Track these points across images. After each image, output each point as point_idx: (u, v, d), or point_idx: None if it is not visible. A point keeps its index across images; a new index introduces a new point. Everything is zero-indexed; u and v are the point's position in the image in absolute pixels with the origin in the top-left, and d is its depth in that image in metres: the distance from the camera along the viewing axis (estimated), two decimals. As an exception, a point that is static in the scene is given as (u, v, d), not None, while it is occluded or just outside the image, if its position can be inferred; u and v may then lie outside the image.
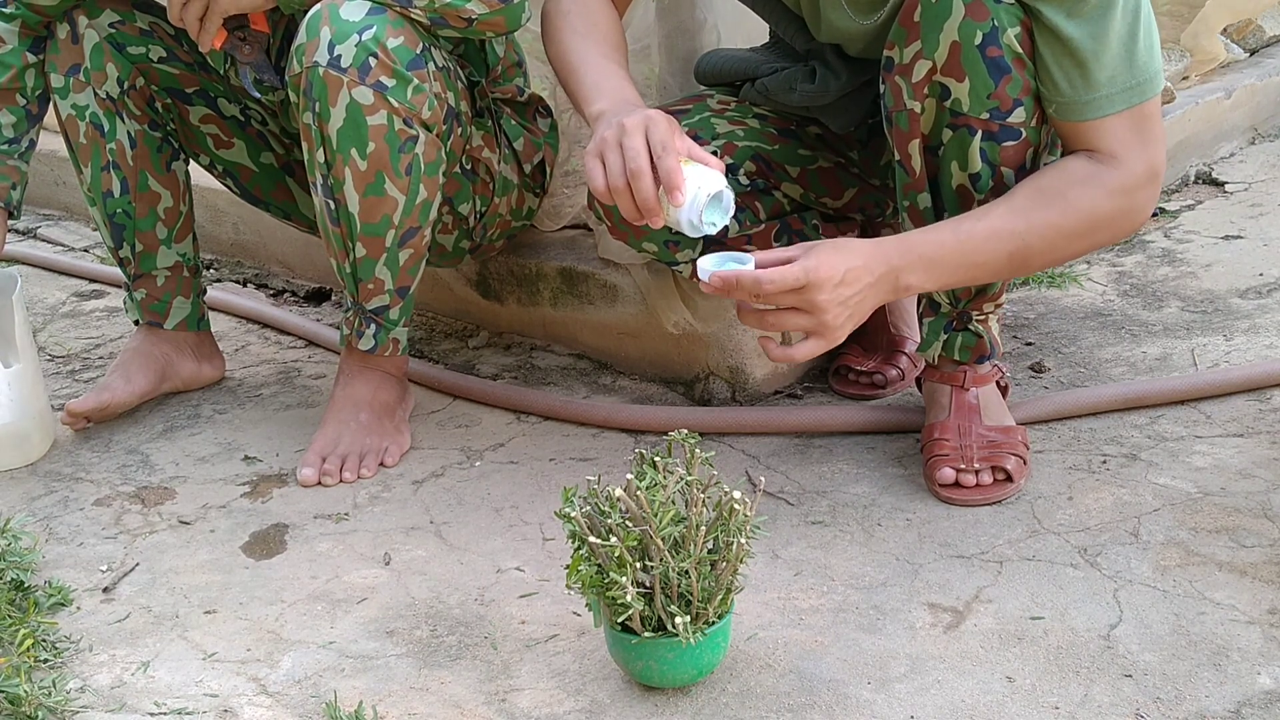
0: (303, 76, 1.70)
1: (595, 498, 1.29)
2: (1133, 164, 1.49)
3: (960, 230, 1.48)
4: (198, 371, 2.14)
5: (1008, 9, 1.47)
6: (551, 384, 2.08)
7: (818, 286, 1.39)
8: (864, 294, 1.43)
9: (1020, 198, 1.50)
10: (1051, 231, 1.49)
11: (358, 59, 1.68)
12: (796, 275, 1.38)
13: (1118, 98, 1.47)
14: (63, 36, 1.94)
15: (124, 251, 2.06)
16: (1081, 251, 1.56)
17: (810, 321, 1.42)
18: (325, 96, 1.69)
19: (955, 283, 1.53)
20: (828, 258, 1.40)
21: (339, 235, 1.79)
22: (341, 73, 1.68)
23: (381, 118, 1.70)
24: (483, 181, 1.96)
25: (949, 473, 1.63)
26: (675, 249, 1.78)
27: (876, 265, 1.44)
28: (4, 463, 1.91)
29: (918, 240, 1.49)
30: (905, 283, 1.46)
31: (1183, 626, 1.36)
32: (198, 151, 2.08)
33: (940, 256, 1.47)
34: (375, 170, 1.73)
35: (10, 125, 1.94)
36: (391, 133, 1.72)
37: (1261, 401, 1.81)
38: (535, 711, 1.32)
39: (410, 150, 1.74)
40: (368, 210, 1.76)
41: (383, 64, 1.68)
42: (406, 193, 1.76)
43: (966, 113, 1.51)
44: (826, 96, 1.73)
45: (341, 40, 1.68)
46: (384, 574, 1.60)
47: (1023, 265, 1.53)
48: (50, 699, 1.36)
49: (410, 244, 1.81)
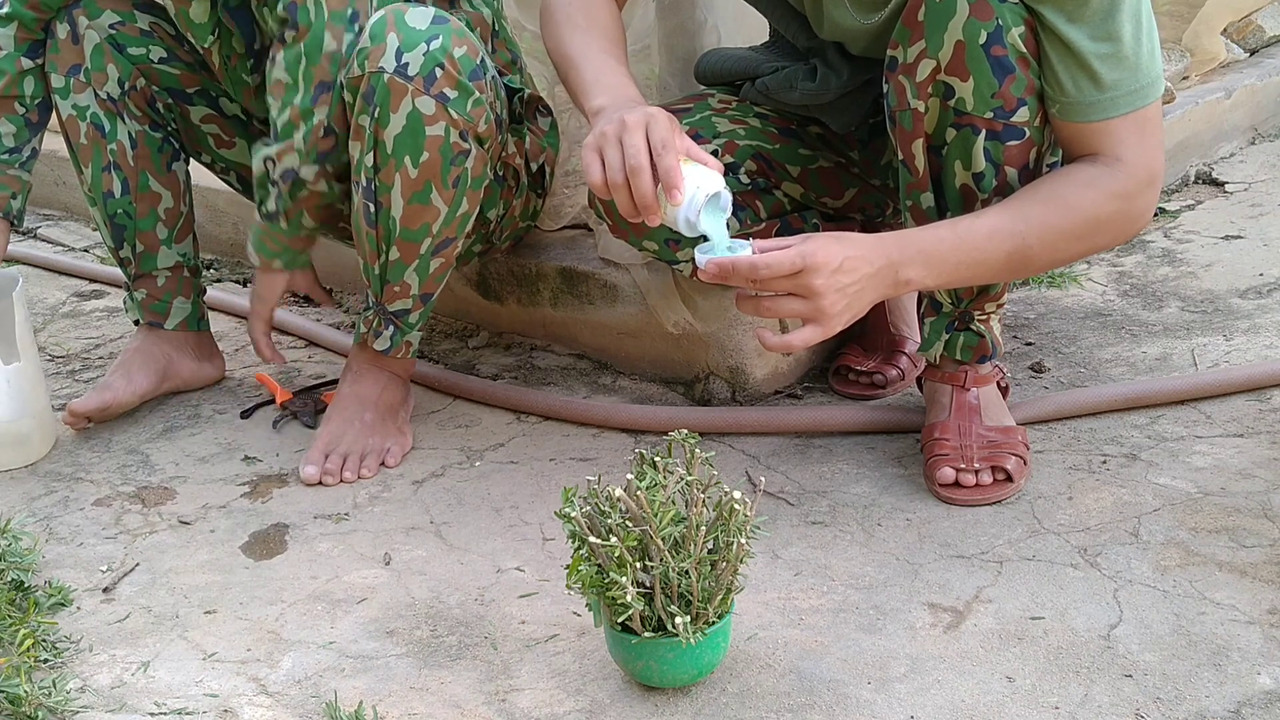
0: (364, 80, 1.70)
1: (595, 498, 1.29)
2: (1134, 167, 1.49)
3: (960, 228, 1.49)
4: (198, 371, 2.14)
5: (1012, 8, 1.47)
6: (551, 384, 2.08)
7: (814, 270, 1.38)
8: (862, 284, 1.43)
9: (1022, 199, 1.50)
10: (1051, 233, 1.49)
11: (425, 68, 1.68)
12: (793, 259, 1.38)
13: (1122, 100, 1.47)
14: (63, 37, 1.94)
15: (124, 252, 2.06)
16: (1081, 254, 1.56)
17: (807, 307, 1.41)
18: (387, 103, 1.69)
19: (955, 281, 1.53)
20: (825, 244, 1.40)
21: (374, 237, 1.79)
22: (408, 81, 1.68)
23: (439, 129, 1.71)
24: (509, 186, 1.97)
25: (949, 473, 1.63)
26: (676, 248, 1.78)
27: (876, 257, 1.43)
28: (4, 462, 1.91)
29: (917, 236, 1.49)
30: (905, 277, 1.46)
31: (1183, 626, 1.36)
32: (199, 151, 2.09)
33: (940, 252, 1.47)
34: (425, 180, 1.74)
35: (10, 135, 1.93)
36: (446, 144, 1.72)
37: (1261, 401, 1.81)
38: (535, 711, 1.32)
39: (461, 164, 1.75)
40: (409, 217, 1.76)
41: (448, 74, 1.69)
42: (450, 204, 1.77)
43: (970, 112, 1.51)
44: (827, 95, 1.73)
45: (410, 48, 1.68)
46: (384, 574, 1.60)
47: (1022, 266, 1.53)
48: (50, 699, 1.36)
49: (443, 253, 1.82)
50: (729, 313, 1.91)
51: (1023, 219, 1.48)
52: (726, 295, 1.89)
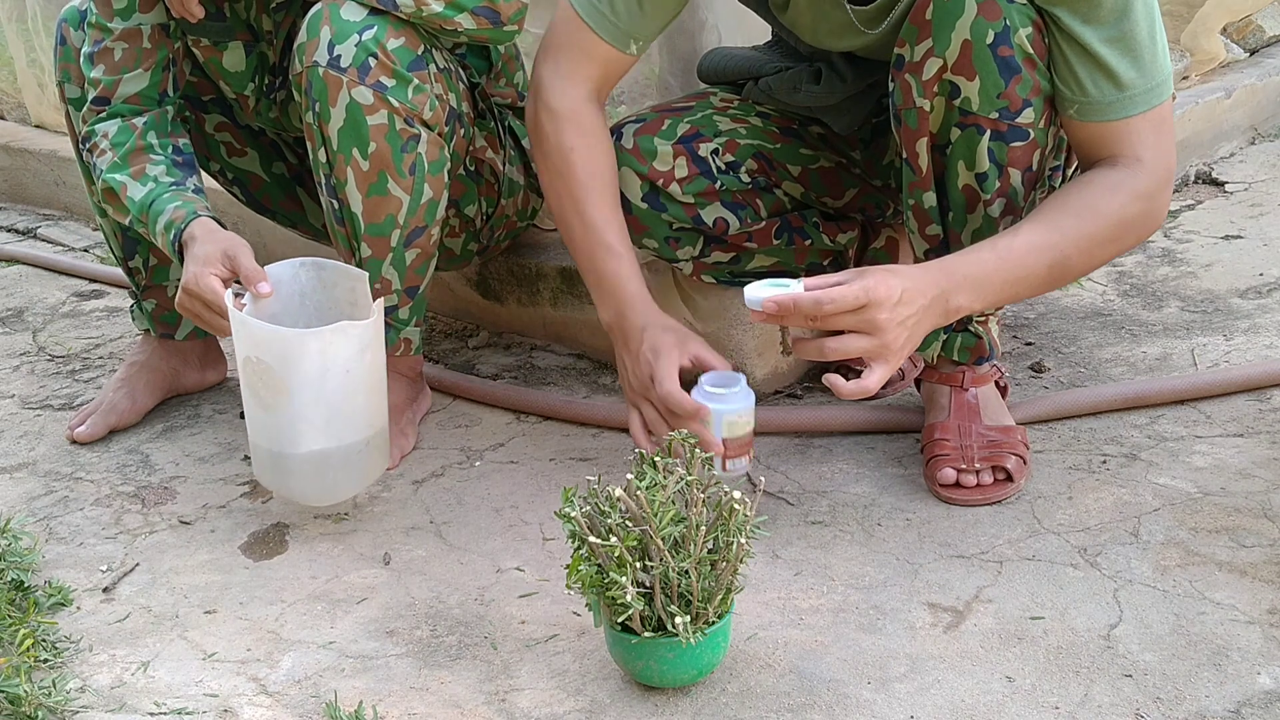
0: (303, 76, 1.70)
1: (595, 498, 1.29)
2: (1154, 167, 1.49)
3: (999, 248, 1.48)
4: (202, 379, 2.14)
5: (1020, 9, 1.47)
6: (551, 384, 2.08)
7: (878, 305, 1.37)
8: (920, 315, 1.42)
9: (1050, 211, 1.50)
10: (1086, 240, 1.49)
11: (357, 59, 1.67)
12: (856, 294, 1.36)
13: (1140, 98, 1.47)
14: (78, 45, 1.93)
15: (134, 262, 2.06)
16: (1111, 257, 1.55)
17: (872, 344, 1.39)
18: (325, 96, 1.69)
19: (1002, 300, 1.52)
20: (884, 278, 1.39)
21: (344, 235, 1.79)
22: (341, 73, 1.68)
23: (382, 117, 1.70)
24: (487, 183, 1.96)
25: (950, 473, 1.63)
26: (676, 245, 1.78)
27: (928, 288, 1.42)
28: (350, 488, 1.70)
29: (960, 262, 1.48)
30: (956, 304, 1.45)
31: (1183, 626, 1.36)
32: (209, 158, 2.08)
33: (985, 275, 1.46)
34: (378, 170, 1.73)
35: (163, 173, 1.83)
36: (393, 132, 1.71)
37: (1261, 401, 1.81)
38: (535, 711, 1.32)
39: (413, 150, 1.74)
40: (371, 210, 1.75)
41: (382, 64, 1.68)
42: (411, 192, 1.76)
43: (976, 112, 1.51)
44: (832, 98, 1.73)
45: (341, 40, 1.67)
46: (384, 574, 1.60)
47: (1061, 276, 1.52)
48: (50, 699, 1.36)
49: (417, 244, 1.81)
50: (729, 312, 1.91)
51: (1058, 230, 1.48)
52: (727, 295, 1.89)
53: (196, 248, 1.69)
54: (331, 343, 1.56)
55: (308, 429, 1.59)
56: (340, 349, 1.56)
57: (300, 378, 1.56)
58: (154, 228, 1.77)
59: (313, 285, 1.72)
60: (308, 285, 1.72)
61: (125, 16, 1.84)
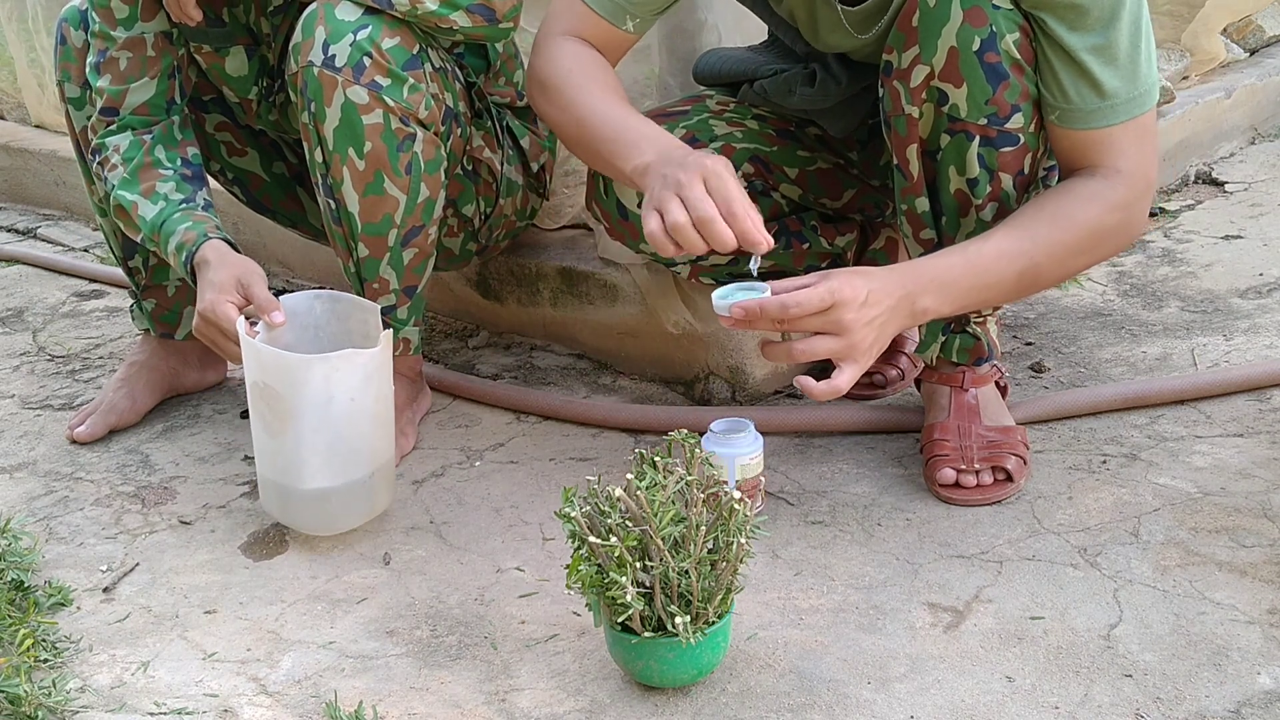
0: (299, 75, 1.70)
1: (595, 498, 1.29)
2: (1133, 178, 1.49)
3: (968, 252, 1.48)
4: (201, 379, 2.14)
5: (1006, 14, 1.47)
6: (551, 384, 2.08)
7: (844, 305, 1.38)
8: (886, 316, 1.42)
9: (1026, 218, 1.50)
10: (1059, 249, 1.49)
11: (352, 59, 1.67)
12: (822, 296, 1.37)
13: (1122, 108, 1.47)
14: (79, 45, 1.93)
15: (134, 262, 2.06)
16: (1087, 266, 1.56)
17: (839, 344, 1.40)
18: (320, 96, 1.69)
19: (969, 305, 1.52)
20: (849, 279, 1.40)
21: (341, 235, 1.79)
22: (336, 72, 1.68)
23: (377, 116, 1.70)
24: (485, 183, 1.96)
25: (950, 473, 1.63)
26: (674, 249, 1.78)
27: (895, 289, 1.43)
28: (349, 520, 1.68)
29: (928, 265, 1.48)
30: (921, 306, 1.46)
31: (1183, 626, 1.36)
32: (209, 158, 2.07)
33: (952, 279, 1.47)
34: (374, 169, 1.73)
35: (172, 190, 1.83)
36: (389, 131, 1.71)
37: (1261, 401, 1.81)
38: (535, 711, 1.32)
39: (409, 149, 1.74)
40: (368, 210, 1.76)
41: (377, 64, 1.68)
42: (407, 191, 1.76)
43: (964, 118, 1.51)
44: (827, 101, 1.73)
45: (336, 40, 1.67)
46: (384, 574, 1.60)
47: (1032, 284, 1.53)
48: (50, 699, 1.36)
49: (414, 243, 1.81)
50: (729, 313, 1.91)
51: (1029, 238, 1.48)
52: (726, 295, 1.89)
53: (210, 273, 1.70)
54: (337, 369, 1.56)
55: (312, 458, 1.59)
56: (345, 376, 1.56)
57: (305, 403, 1.56)
58: (166, 248, 1.78)
59: (327, 317, 1.73)
60: (322, 317, 1.73)
61: (128, 25, 1.84)
